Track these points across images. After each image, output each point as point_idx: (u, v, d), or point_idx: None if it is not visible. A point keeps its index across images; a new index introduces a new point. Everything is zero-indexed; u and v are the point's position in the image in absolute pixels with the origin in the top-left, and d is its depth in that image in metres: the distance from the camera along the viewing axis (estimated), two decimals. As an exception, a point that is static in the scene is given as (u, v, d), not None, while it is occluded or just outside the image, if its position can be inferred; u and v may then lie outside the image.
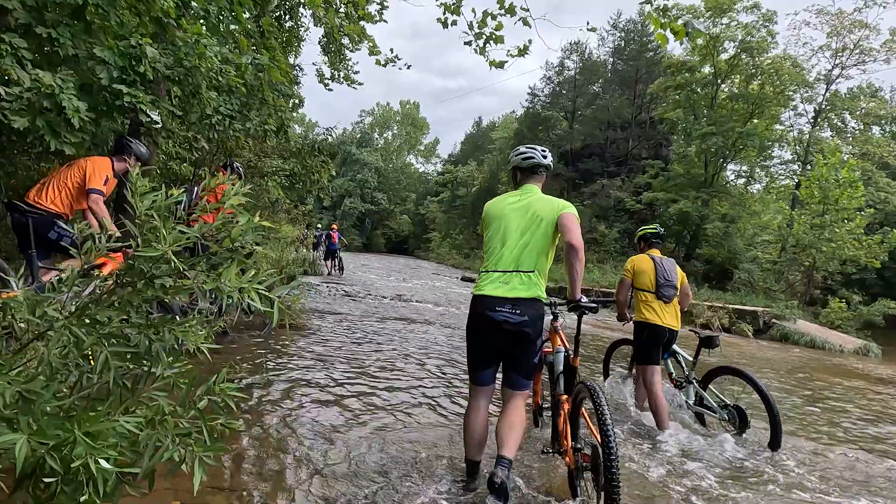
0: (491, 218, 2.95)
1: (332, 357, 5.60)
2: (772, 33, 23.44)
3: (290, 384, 4.37)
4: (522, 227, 2.83)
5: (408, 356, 6.12)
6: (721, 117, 23.39)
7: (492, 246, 2.88)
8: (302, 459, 3.00)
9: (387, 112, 68.81)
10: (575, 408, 2.80)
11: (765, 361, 9.46)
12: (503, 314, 2.69)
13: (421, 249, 52.94)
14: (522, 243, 2.80)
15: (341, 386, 4.55)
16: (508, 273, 2.77)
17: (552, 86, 37.22)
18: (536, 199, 2.90)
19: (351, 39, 12.29)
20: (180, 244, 1.52)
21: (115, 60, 3.93)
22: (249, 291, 1.53)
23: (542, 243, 2.80)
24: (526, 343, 2.76)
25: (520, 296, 2.71)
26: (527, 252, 2.78)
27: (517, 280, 2.75)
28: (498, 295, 2.73)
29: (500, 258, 2.81)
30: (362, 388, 4.59)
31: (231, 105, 5.07)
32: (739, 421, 4.09)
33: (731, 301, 16.68)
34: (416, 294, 14.40)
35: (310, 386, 4.41)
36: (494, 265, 2.81)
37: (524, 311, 2.70)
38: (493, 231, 2.91)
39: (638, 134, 31.43)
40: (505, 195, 3.05)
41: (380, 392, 4.52)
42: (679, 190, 24.77)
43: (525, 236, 2.81)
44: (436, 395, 4.63)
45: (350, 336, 7.07)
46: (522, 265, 2.77)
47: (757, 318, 14.02)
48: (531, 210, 2.85)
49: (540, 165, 3.02)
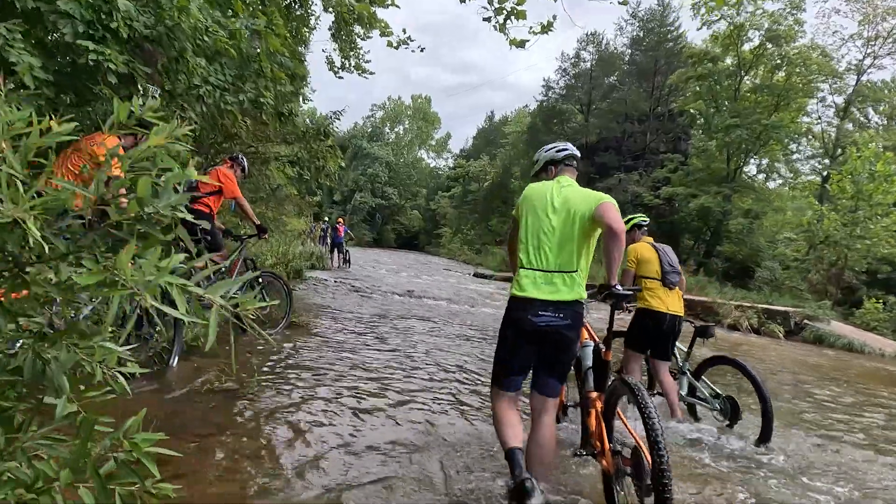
0: (530, 204, 2.73)
1: (333, 363, 5.00)
2: (799, 22, 22.55)
3: (275, 402, 3.75)
4: (563, 222, 2.62)
5: (417, 368, 5.50)
6: (745, 109, 22.51)
7: (530, 240, 2.66)
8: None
9: (398, 106, 68.14)
10: (609, 406, 2.62)
11: (807, 366, 8.72)
12: (546, 318, 2.51)
13: (432, 245, 52.35)
14: (563, 241, 2.61)
15: (338, 402, 3.93)
16: (551, 273, 2.58)
17: (567, 78, 36.32)
18: (574, 193, 2.71)
19: (361, 23, 11.69)
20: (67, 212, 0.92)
21: (80, 13, 3.31)
22: (170, 288, 0.91)
23: (581, 240, 2.61)
24: (567, 347, 2.58)
25: (564, 298, 2.53)
26: (568, 250, 2.60)
27: (560, 281, 2.56)
28: (542, 298, 2.53)
29: (541, 256, 2.61)
30: (366, 398, 3.98)
31: (223, 75, 4.45)
32: (731, 412, 4.06)
33: (757, 300, 15.92)
34: (428, 290, 13.79)
35: (305, 401, 3.80)
36: (537, 263, 2.61)
37: (567, 314, 2.52)
38: (530, 222, 2.68)
39: (656, 127, 30.52)
40: (545, 183, 2.83)
41: (391, 410, 3.90)
42: (699, 185, 23.93)
43: (565, 233, 2.61)
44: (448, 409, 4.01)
45: (354, 336, 6.47)
46: (565, 265, 2.58)
47: (788, 318, 13.24)
48: (568, 205, 2.65)
49: (574, 157, 2.95)
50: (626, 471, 2.38)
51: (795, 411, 5.40)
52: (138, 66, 3.57)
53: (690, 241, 25.74)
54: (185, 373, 3.85)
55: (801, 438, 4.30)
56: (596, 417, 2.62)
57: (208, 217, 5.71)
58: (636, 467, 2.30)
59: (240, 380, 3.78)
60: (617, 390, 2.59)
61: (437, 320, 8.67)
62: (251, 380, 3.62)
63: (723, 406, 4.12)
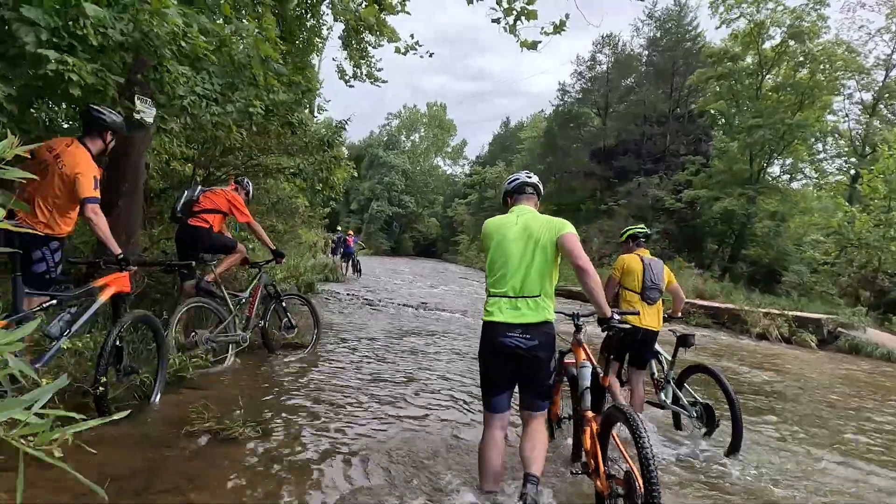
0: (490, 237, 2.94)
1: (332, 394, 4.67)
2: (823, 17, 21.80)
3: (259, 448, 3.42)
4: (522, 250, 2.81)
5: (428, 403, 5.14)
6: (767, 108, 21.80)
7: (495, 269, 2.87)
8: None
9: (413, 114, 68.09)
10: (605, 430, 2.71)
11: (850, 381, 8.15)
12: (514, 339, 2.71)
13: (449, 252, 51.98)
14: (525, 267, 2.79)
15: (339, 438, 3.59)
16: (515, 298, 2.77)
17: (583, 81, 35.79)
18: (532, 219, 2.89)
19: (371, 31, 11.45)
20: None
21: (44, 20, 3.05)
22: None
23: (544, 266, 2.79)
24: (539, 366, 2.78)
25: (529, 321, 2.73)
26: (530, 276, 2.78)
27: (525, 305, 2.75)
28: (508, 321, 2.74)
29: (505, 283, 2.80)
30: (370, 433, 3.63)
31: (210, 84, 4.17)
32: (707, 419, 4.09)
33: (787, 307, 15.22)
34: (443, 302, 13.44)
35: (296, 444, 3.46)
36: (502, 290, 2.80)
37: (535, 335, 2.72)
38: (494, 252, 2.89)
39: (676, 129, 29.82)
40: (502, 216, 3.03)
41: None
42: (722, 187, 23.20)
43: (526, 260, 2.79)
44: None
45: (360, 360, 6.14)
46: (528, 290, 2.77)
47: (820, 326, 12.58)
48: (528, 231, 2.84)
49: (526, 184, 3.07)
50: (618, 492, 2.47)
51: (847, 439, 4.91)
52: (109, 76, 3.29)
53: (714, 246, 24.98)
54: (167, 410, 3.55)
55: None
56: (591, 437, 2.71)
57: (207, 232, 5.48)
58: (628, 490, 2.41)
59: (227, 413, 3.45)
60: (612, 416, 2.65)
61: (450, 337, 8.30)
62: (235, 422, 3.28)
63: (699, 414, 4.15)
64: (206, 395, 3.87)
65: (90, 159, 3.41)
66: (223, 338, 5.06)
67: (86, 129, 3.51)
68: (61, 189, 3.33)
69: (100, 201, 3.36)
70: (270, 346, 5.79)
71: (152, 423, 3.29)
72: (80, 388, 3.39)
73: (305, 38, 11.11)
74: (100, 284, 3.39)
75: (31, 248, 3.24)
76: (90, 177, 3.31)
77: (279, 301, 5.85)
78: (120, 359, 3.43)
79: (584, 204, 31.27)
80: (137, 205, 6.46)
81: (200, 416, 3.27)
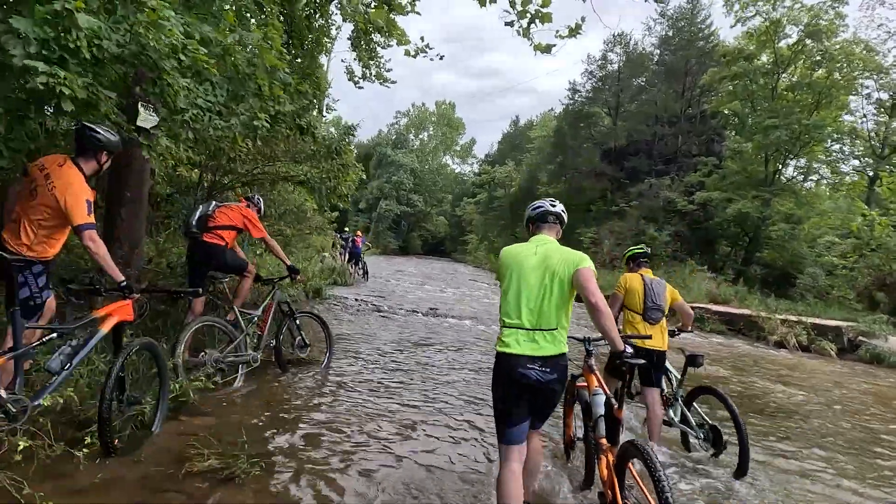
0: (507, 268, 2.91)
1: (336, 425, 4.46)
2: (841, 15, 21.32)
3: (262, 495, 3.22)
4: (539, 282, 2.79)
5: (444, 431, 4.92)
6: (783, 108, 21.36)
7: (511, 300, 2.83)
8: None
9: (422, 113, 67.85)
10: (621, 462, 2.71)
11: (880, 398, 7.85)
12: (534, 372, 2.68)
13: (458, 252, 51.75)
14: (542, 300, 2.77)
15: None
16: (533, 331, 2.74)
17: (594, 80, 35.37)
18: (552, 252, 2.86)
19: (380, 32, 11.25)
20: None
21: (33, 31, 2.86)
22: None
23: (560, 300, 2.78)
24: (554, 397, 2.82)
25: (548, 354, 2.72)
26: (547, 309, 2.76)
27: (542, 338, 2.73)
28: (527, 353, 2.71)
29: (522, 315, 2.77)
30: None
31: (214, 96, 3.97)
32: (715, 441, 4.11)
33: (804, 312, 14.87)
34: (454, 307, 13.22)
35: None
36: (518, 322, 2.77)
37: (553, 368, 2.71)
38: (511, 283, 2.86)
39: (688, 129, 29.35)
40: (521, 244, 3.00)
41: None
42: (735, 189, 22.76)
43: (544, 292, 2.78)
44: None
45: (369, 378, 5.95)
46: (545, 323, 2.75)
47: (840, 334, 12.25)
48: (546, 263, 2.82)
49: (549, 213, 3.04)
50: None
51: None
52: (101, 91, 3.09)
53: (727, 248, 24.56)
54: (167, 442, 3.36)
55: None
56: (608, 468, 2.71)
57: (222, 249, 5.38)
58: None
59: (230, 446, 3.26)
60: (629, 452, 2.64)
61: (465, 350, 8.08)
62: (238, 458, 3.07)
63: (706, 435, 4.17)
64: (209, 424, 3.68)
65: (83, 181, 3.22)
66: (233, 358, 4.89)
67: (79, 148, 3.31)
68: (48, 211, 3.14)
69: (95, 226, 3.19)
70: (283, 366, 5.62)
71: (151, 460, 3.09)
72: (77, 418, 3.22)
73: (314, 39, 10.95)
74: (101, 314, 3.26)
75: (14, 272, 3.04)
76: (83, 201, 3.13)
77: (293, 319, 5.70)
78: (122, 389, 3.28)
79: (594, 204, 30.89)
80: (141, 213, 6.30)
81: (200, 454, 3.07)
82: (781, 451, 4.74)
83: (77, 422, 3.17)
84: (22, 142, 3.23)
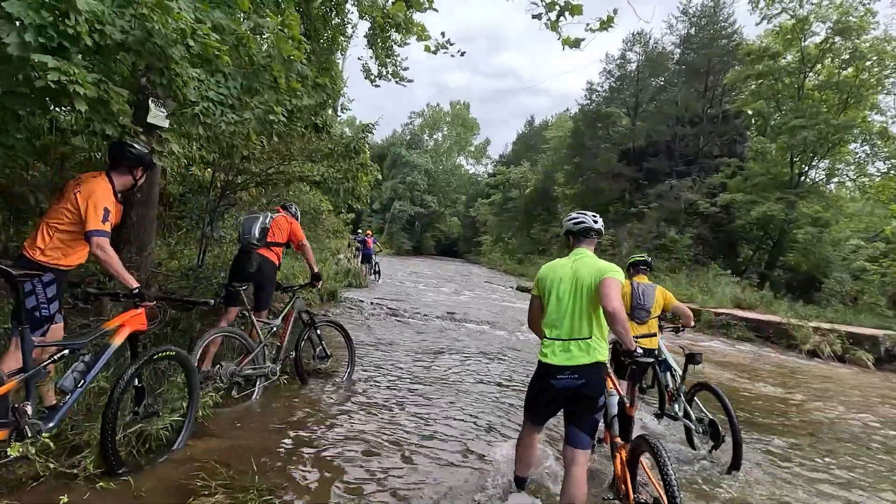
0: (545, 283, 3.09)
1: (346, 455, 4.13)
2: (871, 12, 20.62)
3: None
4: (571, 293, 2.94)
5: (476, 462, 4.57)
6: (809, 108, 20.70)
7: (550, 313, 3.00)
8: None
9: (436, 113, 67.54)
10: (633, 457, 2.81)
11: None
12: (564, 381, 2.83)
13: (471, 253, 51.37)
14: (575, 311, 2.91)
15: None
16: (567, 341, 2.88)
17: (612, 80, 34.76)
18: (584, 264, 2.99)
19: (398, 29, 10.96)
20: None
21: (28, 15, 2.56)
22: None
23: (590, 308, 2.89)
24: (586, 402, 2.86)
25: (580, 363, 2.83)
26: (579, 319, 2.89)
27: (576, 348, 2.86)
28: (560, 364, 2.85)
29: (558, 326, 2.93)
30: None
31: (226, 89, 3.67)
32: (713, 434, 4.26)
33: (835, 319, 14.30)
34: (470, 311, 12.86)
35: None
36: (556, 334, 2.93)
37: (583, 375, 2.81)
38: (549, 297, 3.03)
39: (709, 130, 28.67)
40: (558, 260, 3.17)
41: None
42: (759, 191, 22.12)
43: (576, 304, 2.91)
44: None
45: (385, 394, 5.62)
46: (578, 332, 2.88)
47: (877, 343, 11.69)
48: (577, 275, 2.96)
49: (591, 230, 3.15)
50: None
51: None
52: (111, 87, 2.80)
53: (750, 252, 23.90)
54: (169, 471, 3.03)
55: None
56: (621, 463, 2.87)
57: (274, 268, 5.22)
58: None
59: (240, 475, 2.94)
60: (640, 446, 2.76)
61: (486, 359, 7.72)
62: (249, 495, 2.74)
63: (705, 430, 4.33)
64: (218, 448, 3.37)
65: (110, 192, 3.14)
66: (250, 370, 4.61)
67: (113, 163, 3.27)
68: (68, 214, 3.04)
69: (107, 235, 3.04)
70: (303, 378, 5.34)
71: (150, 494, 2.76)
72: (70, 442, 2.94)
73: (330, 37, 10.69)
74: (114, 326, 3.08)
75: (21, 279, 2.81)
76: (101, 208, 3.02)
77: (314, 328, 5.43)
78: (140, 399, 3.11)
79: (612, 205, 30.34)
80: (151, 215, 6.04)
81: (207, 486, 2.75)
82: (819, 481, 4.33)
83: (70, 447, 2.88)
84: (17, 138, 2.94)
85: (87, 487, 2.67)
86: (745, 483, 3.95)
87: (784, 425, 5.83)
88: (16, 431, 2.54)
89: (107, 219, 3.05)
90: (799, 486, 4.05)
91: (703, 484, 3.88)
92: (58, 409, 2.79)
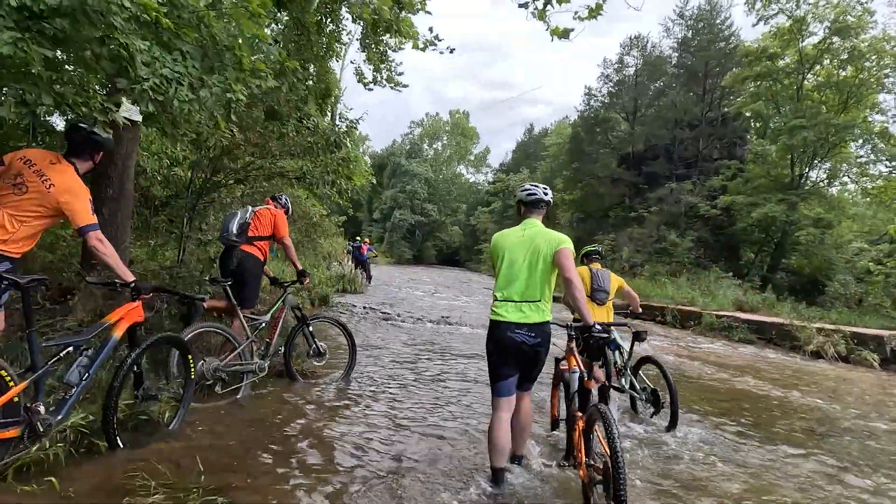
0: (500, 249, 3.36)
1: (311, 463, 3.87)
2: (869, 11, 20.47)
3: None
4: (527, 260, 3.24)
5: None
6: (809, 108, 20.50)
7: (503, 276, 3.29)
8: None
9: (436, 122, 67.62)
10: (588, 426, 2.98)
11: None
12: (521, 335, 3.16)
13: (472, 261, 51.08)
14: (528, 275, 3.22)
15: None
16: (520, 303, 3.20)
17: (610, 85, 34.66)
18: (537, 233, 3.31)
19: (389, 31, 10.81)
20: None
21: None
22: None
23: (544, 275, 3.23)
24: (540, 360, 3.28)
25: (533, 321, 3.18)
26: (533, 283, 3.22)
27: (528, 308, 3.19)
28: (515, 320, 3.17)
29: (512, 289, 3.23)
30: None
31: (184, 67, 3.45)
32: (654, 402, 4.85)
33: (838, 321, 13.98)
34: (465, 316, 12.60)
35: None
36: (508, 295, 3.24)
37: (538, 333, 3.19)
38: (503, 262, 3.31)
39: (709, 132, 28.45)
40: (510, 229, 3.45)
41: None
42: (760, 193, 21.88)
43: (530, 269, 3.22)
44: None
45: (366, 400, 5.36)
46: (530, 295, 3.21)
47: (882, 344, 11.35)
48: (533, 244, 3.26)
49: (541, 201, 3.45)
50: (597, 479, 2.76)
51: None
52: (33, 48, 2.58)
53: (752, 254, 23.59)
54: (110, 469, 2.78)
55: None
56: (579, 434, 3.04)
57: (261, 263, 5.08)
58: (605, 477, 2.68)
59: (182, 482, 2.68)
60: (594, 415, 2.93)
61: (474, 360, 7.46)
62: (191, 495, 2.49)
63: (648, 398, 4.92)
64: (173, 448, 3.12)
65: (81, 181, 3.08)
66: (236, 367, 4.41)
67: (72, 147, 3.15)
68: (41, 210, 2.96)
69: (99, 226, 3.06)
70: (293, 375, 5.19)
71: (82, 493, 2.51)
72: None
73: (325, 44, 10.56)
74: (113, 320, 3.13)
75: (29, 285, 2.76)
76: (85, 201, 3.02)
77: (306, 325, 5.26)
78: (140, 383, 3.35)
79: (612, 210, 30.09)
80: (125, 211, 5.82)
81: (146, 486, 2.49)
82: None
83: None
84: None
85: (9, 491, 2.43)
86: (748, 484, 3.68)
87: (789, 427, 5.55)
88: (28, 428, 2.64)
89: (93, 210, 3.07)
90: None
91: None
92: (65, 400, 2.88)
